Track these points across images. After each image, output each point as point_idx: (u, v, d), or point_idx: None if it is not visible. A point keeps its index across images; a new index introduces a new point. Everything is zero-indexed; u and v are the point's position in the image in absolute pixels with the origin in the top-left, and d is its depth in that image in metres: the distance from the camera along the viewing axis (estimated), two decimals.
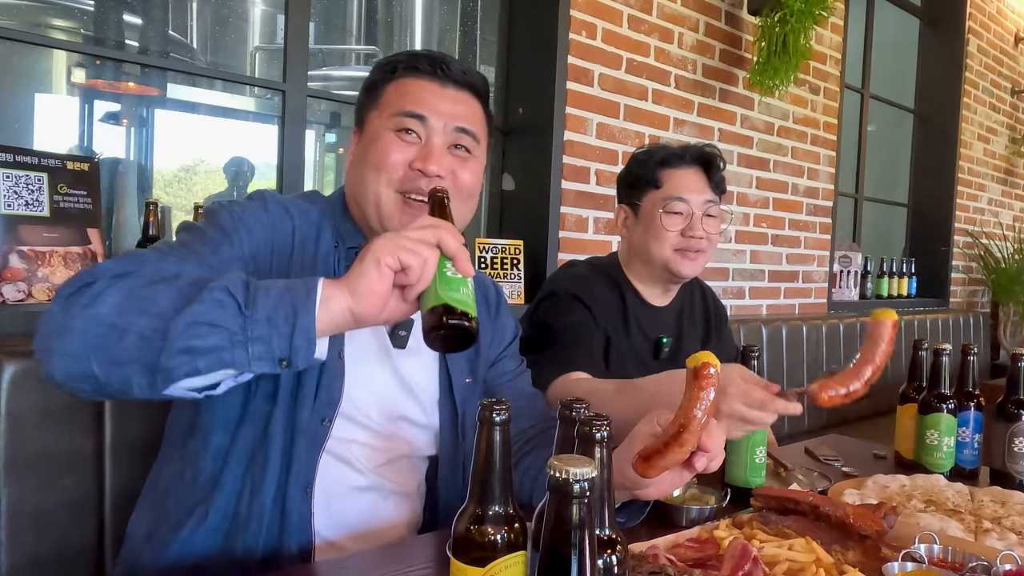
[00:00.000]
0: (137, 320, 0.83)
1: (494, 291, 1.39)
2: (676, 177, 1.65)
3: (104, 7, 2.14)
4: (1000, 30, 5.25)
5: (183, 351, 0.81)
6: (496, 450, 0.70)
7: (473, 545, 0.70)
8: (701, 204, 1.65)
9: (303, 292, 0.84)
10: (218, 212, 1.09)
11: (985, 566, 0.97)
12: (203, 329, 0.81)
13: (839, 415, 3.40)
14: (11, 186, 1.59)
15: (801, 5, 2.98)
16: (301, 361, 0.84)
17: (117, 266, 0.91)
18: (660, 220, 1.63)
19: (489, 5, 2.86)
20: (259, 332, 0.82)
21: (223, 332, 0.81)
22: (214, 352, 0.82)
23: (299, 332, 0.83)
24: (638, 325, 1.70)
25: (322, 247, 1.15)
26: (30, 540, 1.29)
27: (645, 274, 1.72)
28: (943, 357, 1.55)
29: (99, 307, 0.84)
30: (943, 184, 4.90)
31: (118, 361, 0.83)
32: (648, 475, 0.94)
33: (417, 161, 1.12)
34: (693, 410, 0.92)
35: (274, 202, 1.13)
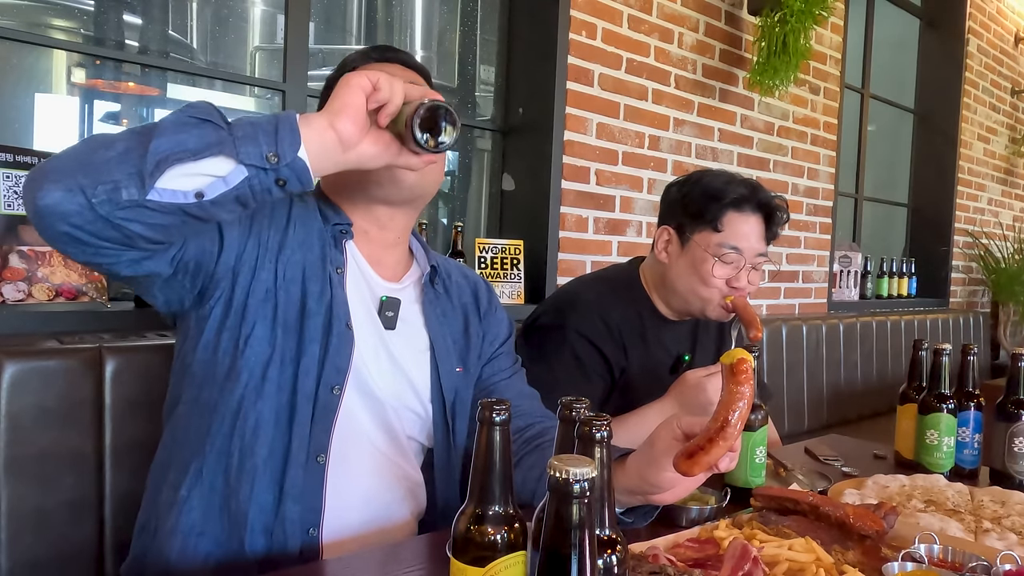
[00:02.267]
0: (122, 139, 0.86)
1: (484, 288, 1.40)
2: (737, 223, 1.57)
3: (104, 7, 2.14)
4: (1000, 30, 5.25)
5: (172, 141, 0.85)
6: (496, 450, 0.70)
7: (473, 545, 0.70)
8: (753, 256, 1.59)
9: (279, 112, 0.90)
10: None
11: (985, 566, 0.97)
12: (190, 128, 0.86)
13: (839, 415, 3.40)
14: (11, 186, 1.59)
15: (801, 5, 2.98)
16: (289, 154, 0.87)
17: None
18: (711, 267, 1.57)
19: (489, 5, 2.86)
20: (243, 132, 0.87)
21: (209, 130, 0.86)
22: (202, 141, 0.86)
23: (283, 124, 0.88)
24: (657, 342, 1.68)
25: (314, 226, 1.17)
26: (30, 540, 1.29)
27: (670, 299, 1.68)
28: (943, 357, 1.55)
29: (73, 149, 0.88)
30: (943, 184, 4.89)
31: (106, 164, 0.84)
32: (692, 473, 0.94)
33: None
34: (735, 405, 0.93)
35: None
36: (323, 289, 1.13)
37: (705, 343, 1.80)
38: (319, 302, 1.12)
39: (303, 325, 1.10)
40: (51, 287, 1.61)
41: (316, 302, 1.12)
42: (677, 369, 1.70)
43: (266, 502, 1.06)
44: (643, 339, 1.66)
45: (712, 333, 1.83)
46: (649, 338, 1.67)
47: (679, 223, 1.63)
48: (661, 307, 1.71)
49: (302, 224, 1.16)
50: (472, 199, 2.93)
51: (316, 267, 1.14)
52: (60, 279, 1.63)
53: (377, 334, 1.19)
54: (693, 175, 1.68)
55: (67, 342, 1.44)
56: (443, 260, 1.35)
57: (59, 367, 1.35)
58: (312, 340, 1.10)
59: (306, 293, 1.11)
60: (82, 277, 1.66)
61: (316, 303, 1.11)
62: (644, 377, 1.64)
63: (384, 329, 1.19)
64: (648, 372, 1.65)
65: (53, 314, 1.65)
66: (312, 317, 1.11)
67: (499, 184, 2.80)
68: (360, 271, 1.21)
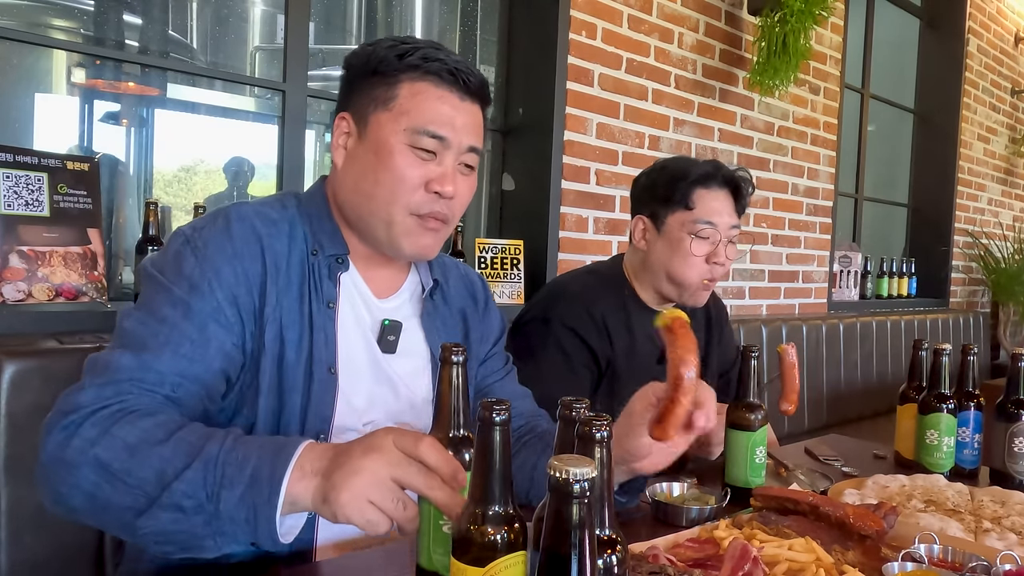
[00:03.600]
0: (114, 500, 0.87)
1: (481, 286, 1.38)
2: (707, 199, 1.62)
3: (104, 7, 2.14)
4: (1000, 30, 5.25)
5: (156, 540, 0.87)
6: (496, 450, 0.70)
7: (473, 545, 0.70)
8: (727, 230, 1.64)
9: (265, 495, 0.83)
10: (182, 255, 1.03)
11: (985, 566, 0.97)
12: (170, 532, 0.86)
13: (839, 415, 3.40)
14: (11, 186, 1.59)
15: (801, 5, 2.98)
16: (270, 546, 0.86)
17: (94, 397, 0.92)
18: (689, 245, 1.61)
19: (489, 5, 2.86)
20: (224, 528, 0.85)
21: (188, 535, 0.86)
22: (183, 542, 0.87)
23: (261, 535, 0.84)
24: (643, 332, 1.69)
25: (294, 259, 1.09)
26: (30, 540, 1.29)
27: (654, 287, 1.71)
28: (943, 357, 1.55)
29: (80, 478, 0.87)
30: (943, 184, 4.90)
31: (101, 524, 0.92)
32: (666, 437, 0.97)
33: (434, 183, 1.08)
34: (683, 360, 0.96)
35: (239, 222, 1.06)
36: (302, 335, 1.06)
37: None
38: (298, 350, 1.06)
39: (281, 379, 1.05)
40: (51, 287, 1.61)
41: (295, 351, 1.06)
42: (663, 359, 1.70)
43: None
44: (629, 330, 1.67)
45: (700, 322, 1.84)
46: (635, 329, 1.68)
47: (652, 210, 1.68)
48: (646, 297, 1.73)
49: (279, 263, 1.07)
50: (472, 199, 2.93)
51: (293, 311, 1.07)
52: (60, 279, 1.63)
53: (373, 362, 1.14)
54: (656, 163, 1.74)
55: (67, 342, 1.44)
56: (443, 266, 1.31)
57: (59, 367, 1.35)
58: (292, 390, 1.05)
59: (284, 343, 1.05)
60: (82, 277, 1.66)
61: (295, 352, 1.06)
62: (631, 368, 1.65)
63: (382, 353, 1.15)
64: (635, 362, 1.67)
65: (53, 314, 1.65)
66: (290, 368, 1.05)
67: (499, 184, 2.80)
68: (358, 296, 1.15)
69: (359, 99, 1.12)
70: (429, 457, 0.81)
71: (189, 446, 0.87)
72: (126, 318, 1.00)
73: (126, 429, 0.88)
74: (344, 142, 1.14)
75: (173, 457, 0.86)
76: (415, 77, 1.09)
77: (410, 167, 1.08)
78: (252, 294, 1.04)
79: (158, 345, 0.97)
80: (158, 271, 1.03)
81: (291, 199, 1.16)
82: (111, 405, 0.91)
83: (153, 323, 0.98)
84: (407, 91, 1.09)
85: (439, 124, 1.08)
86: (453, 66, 1.10)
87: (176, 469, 0.85)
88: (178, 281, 1.01)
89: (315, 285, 1.09)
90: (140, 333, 0.98)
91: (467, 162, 1.13)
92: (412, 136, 1.07)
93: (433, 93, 1.09)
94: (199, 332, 0.99)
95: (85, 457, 0.87)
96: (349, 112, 1.13)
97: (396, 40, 1.12)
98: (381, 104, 1.09)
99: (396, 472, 0.81)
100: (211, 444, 0.87)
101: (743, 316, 3.29)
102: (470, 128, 1.12)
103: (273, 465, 0.85)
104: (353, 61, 1.14)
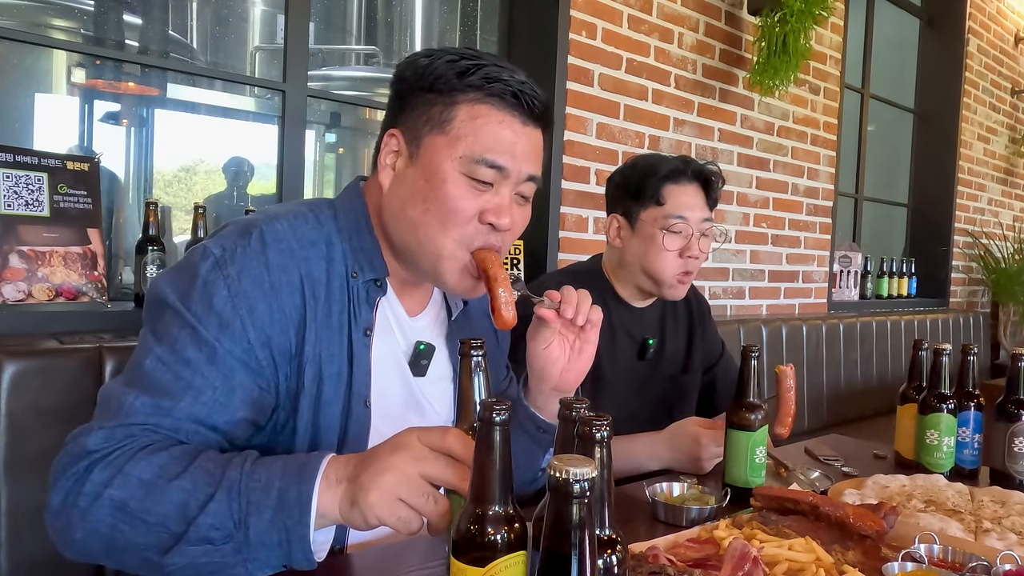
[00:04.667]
0: (135, 540, 0.84)
1: None
2: (677, 194, 1.64)
3: (104, 7, 2.14)
4: (1000, 30, 5.25)
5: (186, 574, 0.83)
6: (496, 450, 0.70)
7: (473, 545, 0.70)
8: (699, 223, 1.66)
9: (296, 515, 0.81)
10: (213, 286, 0.94)
11: (985, 566, 0.97)
12: (200, 565, 0.83)
13: (839, 415, 3.40)
14: (11, 186, 1.59)
15: (801, 5, 2.98)
16: (305, 566, 0.84)
17: (105, 440, 0.88)
18: (662, 240, 1.63)
19: (489, 5, 2.86)
20: (256, 554, 0.83)
21: (219, 565, 0.83)
22: (213, 571, 0.83)
23: (295, 557, 0.83)
24: (623, 328, 1.71)
25: (334, 284, 1.02)
26: (30, 540, 1.30)
27: (632, 284, 1.73)
28: (943, 357, 1.55)
29: (96, 522, 0.84)
30: (943, 184, 4.90)
31: (122, 565, 0.88)
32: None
33: (489, 214, 1.01)
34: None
35: (276, 246, 0.98)
36: (340, 369, 1.01)
37: (674, 328, 1.82)
38: (336, 386, 1.01)
39: (316, 418, 0.99)
40: (51, 287, 1.61)
41: (333, 388, 1.00)
42: (644, 354, 1.73)
43: None
44: (609, 326, 1.69)
45: (681, 318, 1.85)
46: (615, 325, 1.70)
47: (625, 208, 1.70)
48: (625, 294, 1.75)
49: (317, 292, 1.00)
50: None
51: (333, 344, 1.01)
52: (60, 279, 1.63)
53: (405, 386, 1.10)
54: (627, 162, 1.76)
55: (67, 342, 1.44)
56: None
57: (59, 367, 1.35)
58: (328, 430, 1.00)
59: (322, 380, 0.99)
60: (82, 277, 1.66)
61: (333, 389, 1.00)
62: (613, 364, 1.67)
63: (413, 376, 1.11)
64: (616, 358, 1.68)
65: (53, 314, 1.65)
66: (328, 406, 1.00)
67: None
68: (392, 318, 1.10)
69: (412, 116, 1.03)
70: (456, 448, 0.80)
71: (208, 475, 0.84)
72: (147, 354, 0.93)
73: (140, 466, 0.85)
74: (393, 161, 1.05)
75: (194, 489, 0.83)
76: (475, 99, 1.01)
77: (464, 199, 1.00)
78: (288, 333, 0.97)
79: (179, 391, 0.91)
80: (182, 302, 0.93)
81: (326, 211, 1.07)
82: (123, 446, 0.87)
83: (176, 366, 0.91)
84: (465, 114, 1.00)
85: (499, 152, 1.00)
86: (517, 88, 1.02)
87: (199, 501, 0.82)
88: (206, 318, 0.92)
89: (354, 312, 1.03)
90: (161, 376, 0.91)
91: (524, 192, 1.06)
92: (469, 165, 1.00)
93: (494, 117, 1.01)
94: (224, 380, 0.92)
95: (99, 500, 0.84)
96: (399, 129, 1.04)
97: (456, 54, 1.03)
98: (437, 126, 1.01)
99: (424, 467, 0.80)
100: (231, 470, 0.84)
101: (743, 316, 3.29)
102: (530, 155, 1.04)
103: (299, 483, 0.82)
104: (407, 74, 1.04)
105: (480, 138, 1.00)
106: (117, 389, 0.92)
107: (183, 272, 0.96)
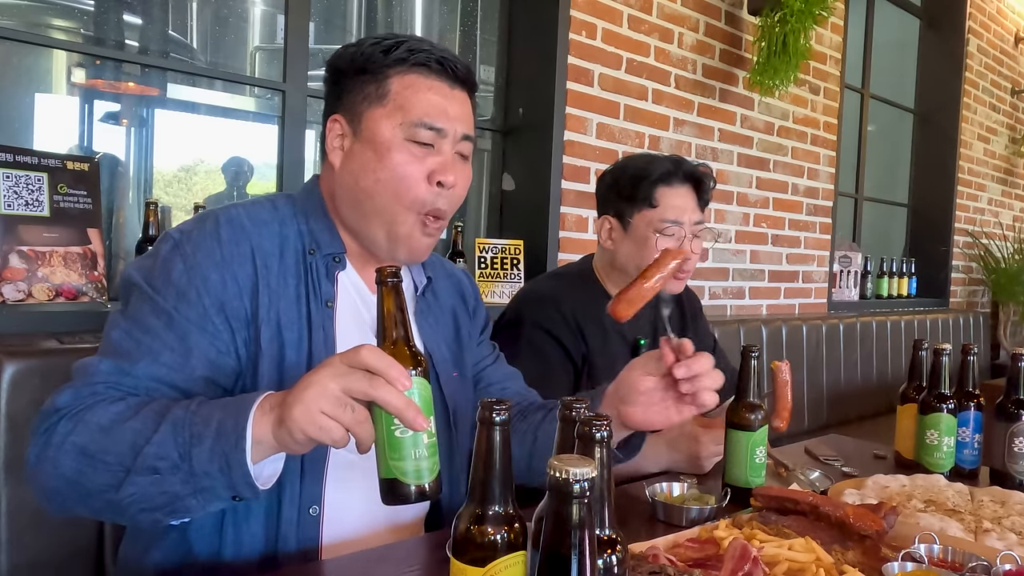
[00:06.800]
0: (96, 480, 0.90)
1: (469, 285, 1.39)
2: (670, 196, 1.64)
3: (104, 7, 2.14)
4: (1000, 30, 5.25)
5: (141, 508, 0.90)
6: (496, 450, 0.70)
7: (473, 545, 0.70)
8: (692, 226, 1.66)
9: (232, 441, 0.86)
10: (171, 262, 1.02)
11: (985, 566, 0.97)
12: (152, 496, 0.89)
13: (839, 415, 3.40)
14: (11, 186, 1.59)
15: (801, 5, 2.98)
16: (250, 493, 0.88)
17: (71, 398, 0.95)
18: (655, 243, 1.63)
19: (489, 5, 2.86)
20: (201, 483, 0.88)
21: (169, 496, 0.89)
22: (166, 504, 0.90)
23: (237, 483, 0.87)
24: (615, 329, 1.71)
25: (288, 259, 1.09)
26: (30, 540, 1.29)
27: (622, 283, 1.70)
28: (943, 357, 1.55)
29: (62, 467, 0.92)
30: (943, 184, 4.90)
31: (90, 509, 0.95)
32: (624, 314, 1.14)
33: (436, 174, 1.09)
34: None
35: (227, 225, 1.06)
36: (301, 335, 1.06)
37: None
38: (297, 351, 1.06)
39: (281, 381, 1.03)
40: (51, 287, 1.61)
41: (295, 352, 1.06)
42: (636, 355, 1.71)
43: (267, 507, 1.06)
44: (600, 327, 1.69)
45: (674, 317, 1.84)
46: (607, 325, 1.69)
47: (617, 210, 1.70)
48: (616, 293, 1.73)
49: (269, 264, 1.07)
50: (472, 199, 2.93)
51: (291, 311, 1.07)
52: (60, 279, 1.63)
53: None
54: (619, 162, 1.76)
55: (67, 342, 1.44)
56: (431, 264, 1.29)
57: (59, 367, 1.35)
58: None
59: (283, 345, 1.05)
60: (82, 277, 1.66)
61: (295, 353, 1.06)
62: (606, 363, 1.66)
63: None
64: (609, 358, 1.67)
65: (53, 314, 1.65)
66: (290, 370, 1.04)
67: (499, 184, 2.80)
68: (356, 294, 1.15)
69: (350, 99, 1.12)
70: (372, 362, 0.83)
71: (156, 415, 0.91)
72: (113, 328, 1.02)
73: (99, 414, 0.92)
74: (340, 144, 1.13)
75: (143, 427, 0.90)
76: (403, 70, 1.10)
77: (409, 163, 1.08)
78: (243, 299, 1.04)
79: (139, 354, 0.98)
80: (144, 279, 1.03)
81: (283, 199, 1.16)
82: (86, 402, 0.95)
83: (137, 332, 1.00)
84: (398, 85, 1.10)
85: (435, 116, 1.09)
86: (439, 56, 1.11)
87: (146, 436, 0.89)
88: (164, 289, 1.01)
89: (313, 284, 1.09)
90: (123, 343, 1.00)
91: (462, 151, 1.14)
92: (409, 130, 1.08)
93: (423, 84, 1.10)
94: (180, 341, 1.00)
95: (63, 447, 0.91)
96: (340, 113, 1.13)
97: (378, 37, 1.13)
98: (375, 100, 1.10)
99: (342, 382, 0.83)
100: (177, 408, 0.91)
101: (743, 316, 3.29)
102: (463, 116, 1.13)
103: (236, 414, 0.88)
104: (338, 63, 1.14)
105: (415, 104, 1.09)
106: (88, 359, 1.01)
107: (148, 257, 1.07)
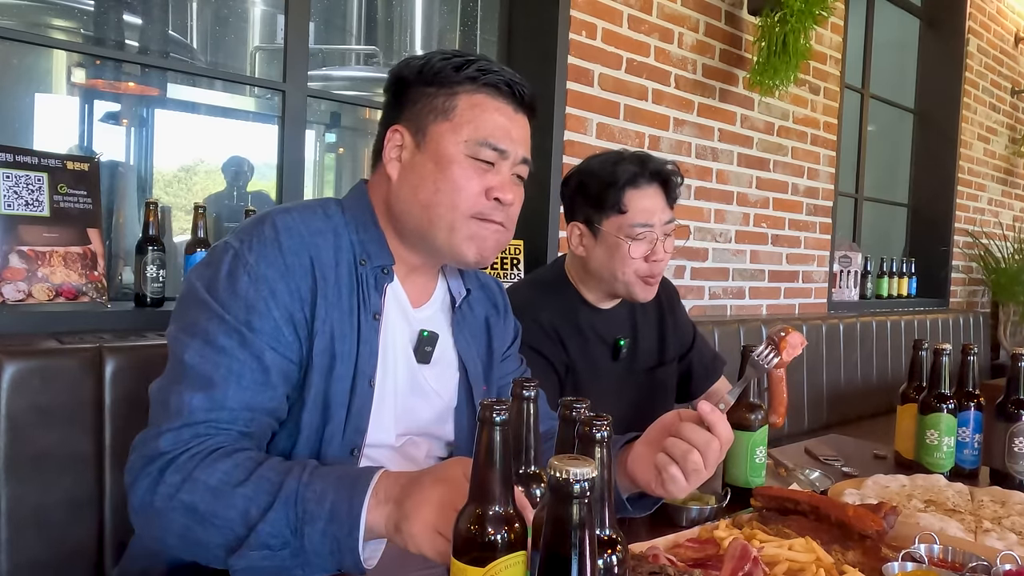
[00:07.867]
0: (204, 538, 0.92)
1: (499, 293, 1.38)
2: (638, 199, 1.61)
3: (104, 7, 2.14)
4: (1000, 30, 5.25)
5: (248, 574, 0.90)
6: (496, 450, 0.70)
7: (473, 545, 0.70)
8: (663, 227, 1.63)
9: (346, 528, 0.87)
10: (236, 275, 1.01)
11: (985, 566, 0.97)
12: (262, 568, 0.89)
13: (839, 415, 3.40)
14: (11, 186, 1.59)
15: (801, 5, 2.98)
16: (356, 571, 0.89)
17: (173, 442, 0.95)
18: (628, 248, 1.60)
19: (489, 5, 2.86)
20: (310, 560, 0.89)
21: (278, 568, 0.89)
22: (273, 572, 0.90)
23: (346, 564, 0.88)
24: (594, 332, 1.70)
25: (342, 269, 1.09)
26: (30, 540, 1.29)
27: (599, 288, 1.70)
28: (943, 357, 1.55)
29: (171, 522, 0.92)
30: (943, 184, 4.89)
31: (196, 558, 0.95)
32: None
33: (494, 190, 1.10)
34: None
35: (287, 234, 1.05)
36: (351, 348, 1.07)
37: (645, 327, 1.80)
38: (347, 363, 1.06)
39: (327, 393, 1.05)
40: (51, 287, 1.61)
41: (344, 364, 1.06)
42: (618, 355, 1.72)
43: None
44: (579, 331, 1.68)
45: (651, 311, 1.83)
46: (584, 329, 1.68)
47: (585, 216, 1.67)
48: (591, 297, 1.72)
49: (327, 274, 1.07)
50: None
51: (344, 323, 1.07)
52: (60, 279, 1.63)
53: (409, 372, 1.15)
54: (582, 165, 1.71)
55: (67, 342, 1.44)
56: (468, 275, 1.30)
57: (59, 367, 1.35)
58: (338, 405, 1.06)
59: (335, 357, 1.05)
60: (82, 277, 1.66)
61: (344, 365, 1.06)
62: (588, 368, 1.66)
63: (417, 363, 1.16)
64: (590, 362, 1.67)
65: (53, 314, 1.65)
66: (339, 381, 1.05)
67: None
68: (398, 307, 1.15)
69: (414, 111, 1.12)
70: None
71: (269, 484, 0.90)
72: (183, 348, 0.99)
73: (207, 472, 0.92)
74: (398, 154, 1.13)
75: (255, 496, 0.90)
76: (472, 89, 1.11)
77: (470, 178, 1.09)
78: (304, 310, 1.04)
79: (222, 379, 0.97)
80: (209, 293, 1.01)
81: (333, 207, 1.14)
82: (191, 448, 0.94)
83: (212, 355, 0.98)
84: (465, 102, 1.10)
85: (499, 137, 1.10)
86: (508, 78, 1.13)
87: (260, 509, 0.89)
88: (232, 304, 1.00)
89: (363, 296, 1.09)
90: (202, 368, 0.97)
91: (520, 173, 1.15)
92: (473, 147, 1.09)
93: (491, 105, 1.11)
94: (258, 361, 0.99)
95: (172, 503, 0.92)
96: (402, 124, 1.12)
97: (448, 53, 1.14)
98: (441, 115, 1.10)
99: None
100: (290, 480, 0.90)
101: (743, 316, 3.29)
102: (524, 139, 1.16)
103: (351, 499, 0.88)
104: (405, 73, 1.14)
105: (481, 124, 1.10)
106: (167, 389, 0.99)
107: (208, 267, 1.04)
